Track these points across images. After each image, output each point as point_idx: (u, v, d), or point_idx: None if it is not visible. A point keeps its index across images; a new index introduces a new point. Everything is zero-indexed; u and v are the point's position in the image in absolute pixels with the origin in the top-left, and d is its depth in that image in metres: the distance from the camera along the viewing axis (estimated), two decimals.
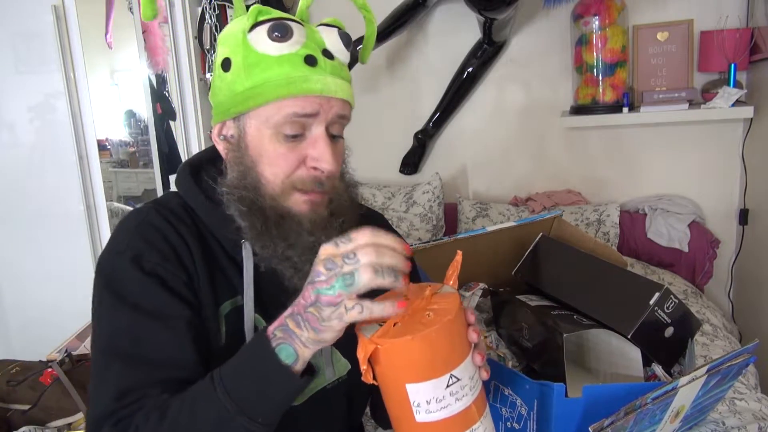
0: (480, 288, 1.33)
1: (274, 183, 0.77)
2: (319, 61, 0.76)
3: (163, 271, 0.74)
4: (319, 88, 0.75)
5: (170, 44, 2.12)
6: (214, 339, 0.78)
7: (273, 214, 0.77)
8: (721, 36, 2.08)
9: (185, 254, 0.77)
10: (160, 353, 0.72)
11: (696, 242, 2.22)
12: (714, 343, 1.71)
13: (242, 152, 0.78)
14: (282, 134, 0.75)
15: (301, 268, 0.78)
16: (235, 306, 0.80)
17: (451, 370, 0.62)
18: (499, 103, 2.56)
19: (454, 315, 0.63)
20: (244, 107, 0.76)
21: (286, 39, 0.74)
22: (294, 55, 0.75)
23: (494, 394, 0.97)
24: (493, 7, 2.00)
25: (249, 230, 0.77)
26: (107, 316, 0.75)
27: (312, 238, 0.77)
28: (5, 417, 1.32)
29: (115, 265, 0.76)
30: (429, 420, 0.63)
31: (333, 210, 0.80)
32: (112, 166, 2.25)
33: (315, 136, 0.76)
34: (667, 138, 2.34)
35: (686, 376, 0.81)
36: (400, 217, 2.51)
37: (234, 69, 0.76)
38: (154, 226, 0.77)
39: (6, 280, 2.32)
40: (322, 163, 0.76)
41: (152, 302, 0.73)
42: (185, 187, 0.83)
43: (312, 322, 0.63)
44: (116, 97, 2.27)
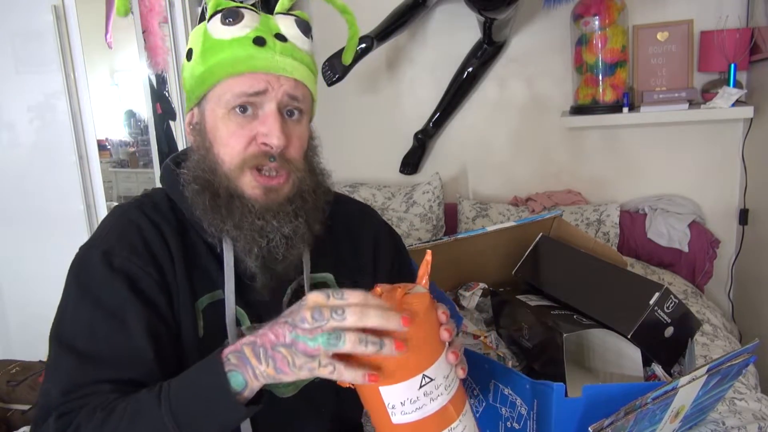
0: (480, 288, 1.33)
1: (228, 162, 0.79)
2: (268, 42, 0.79)
3: (131, 268, 0.76)
4: (264, 65, 0.77)
5: (170, 44, 2.12)
6: (190, 333, 0.78)
7: (225, 193, 0.79)
8: (721, 36, 2.08)
9: (160, 249, 0.78)
10: (113, 351, 0.73)
11: (696, 242, 2.21)
12: (714, 343, 1.71)
13: (203, 136, 0.81)
14: (233, 114, 0.78)
15: (250, 250, 0.79)
16: (213, 300, 0.81)
17: (423, 371, 0.62)
18: (499, 103, 2.56)
19: (423, 316, 0.63)
20: (201, 90, 0.80)
21: (237, 23, 0.78)
22: (243, 37, 0.78)
23: (494, 394, 0.97)
24: (493, 7, 2.00)
25: (199, 207, 0.80)
26: (69, 307, 0.77)
27: (260, 221, 0.79)
28: (5, 417, 1.32)
29: (85, 257, 0.78)
30: (405, 421, 0.63)
31: (291, 197, 0.81)
32: (112, 166, 2.25)
33: (266, 114, 0.78)
34: (667, 138, 2.34)
35: (686, 376, 0.81)
36: (400, 217, 2.51)
37: (194, 57, 0.81)
38: (132, 221, 0.80)
39: (6, 279, 2.32)
40: (271, 138, 0.77)
41: (114, 300, 0.74)
42: (167, 181, 0.86)
43: (278, 362, 0.62)
44: (116, 97, 2.27)
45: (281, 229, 0.80)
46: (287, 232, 0.80)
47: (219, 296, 0.81)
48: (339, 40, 2.24)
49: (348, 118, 2.74)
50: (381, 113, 2.72)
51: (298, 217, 0.81)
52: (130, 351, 0.73)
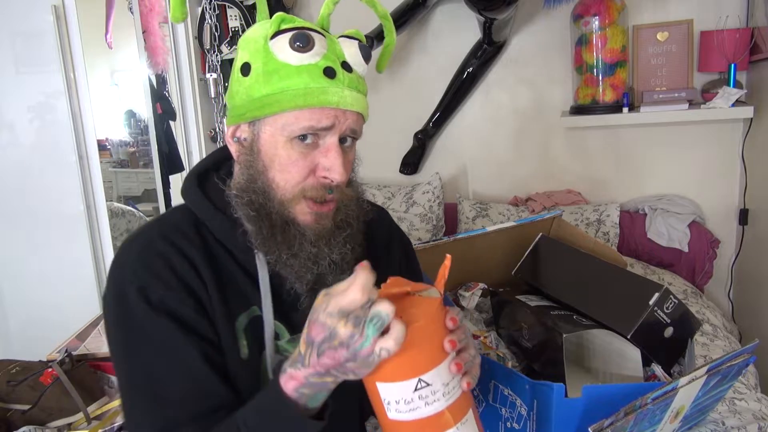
0: (480, 288, 1.33)
1: (284, 189, 0.77)
2: (338, 74, 0.76)
3: (170, 302, 0.75)
4: (336, 100, 0.75)
5: (170, 44, 2.12)
6: (234, 355, 0.78)
7: (279, 220, 0.78)
8: (721, 36, 2.08)
9: (192, 279, 0.76)
10: (180, 389, 0.73)
11: (696, 242, 2.22)
12: (714, 343, 1.71)
13: (254, 156, 0.79)
14: (296, 142, 0.76)
15: (302, 276, 0.79)
16: (250, 317, 0.80)
17: (419, 375, 0.62)
18: (499, 103, 2.56)
19: (423, 322, 0.62)
20: (260, 113, 0.77)
21: (308, 49, 0.75)
22: (314, 66, 0.75)
23: (494, 394, 0.97)
24: (493, 7, 2.00)
25: (255, 235, 0.78)
26: (122, 353, 0.76)
27: (315, 249, 0.78)
28: (5, 417, 1.32)
29: (122, 296, 0.75)
30: (399, 419, 0.64)
31: (338, 223, 0.81)
32: (112, 166, 2.25)
33: (327, 146, 0.77)
34: (667, 138, 2.34)
35: (686, 377, 0.81)
36: (400, 217, 2.51)
37: (253, 74, 0.77)
38: (158, 253, 0.77)
39: (6, 280, 2.32)
40: (333, 174, 0.76)
41: (163, 337, 0.74)
42: (193, 198, 0.83)
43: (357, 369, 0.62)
44: (116, 97, 2.27)
45: (331, 255, 0.79)
46: (336, 258, 0.80)
47: (255, 312, 0.80)
48: None
49: None
50: (381, 113, 2.72)
51: (347, 243, 0.81)
52: (195, 383, 0.74)
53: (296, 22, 0.77)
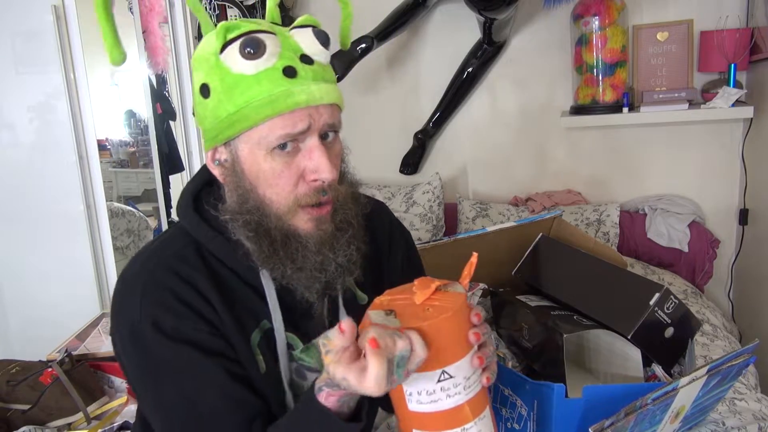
0: (480, 288, 1.33)
1: (278, 203, 0.75)
2: (299, 70, 0.72)
3: (184, 329, 0.74)
4: (304, 99, 0.72)
5: (170, 44, 2.12)
6: (253, 370, 0.78)
7: (279, 234, 0.75)
8: (721, 36, 2.08)
9: (200, 304, 0.75)
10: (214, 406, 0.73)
11: (696, 242, 2.22)
12: (714, 343, 1.71)
13: (239, 176, 0.76)
14: (276, 153, 0.73)
15: (311, 286, 0.78)
16: (263, 332, 0.79)
17: (443, 367, 0.63)
18: (499, 103, 2.56)
19: (452, 313, 0.63)
20: (231, 132, 0.74)
21: (260, 54, 0.70)
22: (272, 69, 0.71)
23: (494, 395, 0.97)
24: (493, 7, 2.00)
25: (257, 254, 0.76)
26: (152, 388, 0.75)
27: (319, 257, 0.76)
28: (5, 417, 1.32)
29: (138, 337, 0.74)
30: (420, 410, 0.65)
31: (338, 224, 0.78)
32: (112, 166, 2.25)
33: (309, 148, 0.74)
34: (667, 138, 2.34)
35: (686, 377, 0.81)
36: (400, 217, 2.51)
37: (213, 94, 0.73)
38: (162, 286, 0.75)
39: (6, 279, 2.31)
40: (322, 174, 0.73)
41: (185, 363, 0.73)
42: (189, 220, 0.81)
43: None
44: (116, 97, 2.27)
45: (337, 258, 0.78)
46: (342, 261, 0.78)
47: (266, 326, 0.80)
48: None
49: (348, 118, 2.71)
50: (381, 113, 2.72)
51: (350, 245, 0.79)
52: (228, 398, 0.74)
53: (242, 28, 0.72)
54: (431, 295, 0.67)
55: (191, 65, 0.78)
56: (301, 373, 0.82)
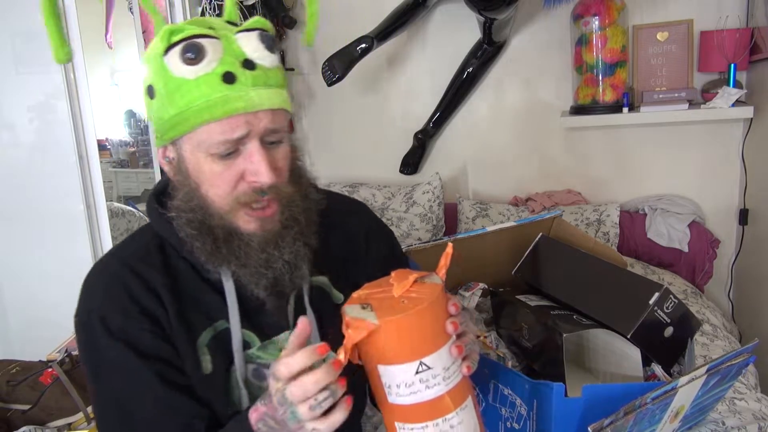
0: (480, 288, 1.33)
1: (219, 203, 0.77)
2: (239, 76, 0.73)
3: (128, 329, 0.77)
4: (241, 105, 0.72)
5: None
6: (195, 371, 0.79)
7: (222, 232, 0.77)
8: (721, 36, 2.08)
9: (151, 303, 0.78)
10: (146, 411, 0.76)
11: (696, 242, 2.21)
12: (714, 343, 1.71)
13: (184, 175, 0.78)
14: (216, 155, 0.74)
15: (257, 282, 0.79)
16: (216, 332, 0.81)
17: (421, 358, 0.63)
18: (499, 103, 2.56)
19: (427, 304, 0.63)
20: (174, 133, 0.76)
21: (200, 60, 0.71)
22: (210, 75, 0.72)
23: (494, 394, 0.97)
24: (493, 7, 2.00)
25: (200, 251, 0.78)
26: (92, 380, 0.79)
27: (264, 254, 0.78)
28: (5, 417, 1.32)
29: (87, 330, 0.78)
30: (400, 403, 0.65)
31: (285, 222, 0.80)
32: (112, 166, 2.25)
33: (249, 152, 0.75)
34: (667, 138, 2.34)
35: (686, 376, 0.81)
36: (400, 217, 2.51)
37: (157, 96, 0.75)
38: (118, 281, 0.79)
39: (6, 279, 2.31)
40: (261, 177, 0.74)
41: (122, 363, 0.76)
42: (153, 217, 0.84)
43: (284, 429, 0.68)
44: (116, 97, 2.27)
45: (283, 256, 0.79)
46: (289, 258, 0.80)
47: (222, 326, 0.81)
48: (339, 40, 2.24)
49: (348, 118, 2.74)
50: (381, 113, 2.72)
51: (296, 241, 0.80)
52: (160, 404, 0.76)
53: (186, 32, 0.72)
54: (409, 287, 0.67)
55: (143, 61, 0.80)
56: (259, 374, 0.83)
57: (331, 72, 2.10)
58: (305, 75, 2.76)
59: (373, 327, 0.62)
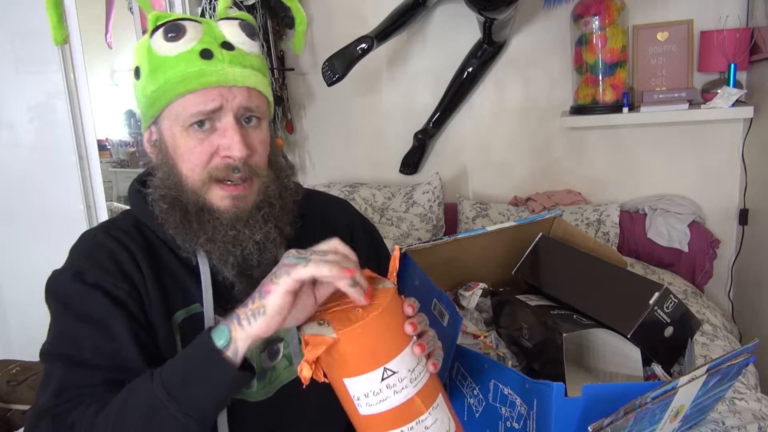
0: (480, 288, 1.33)
1: (191, 177, 0.79)
2: (216, 54, 0.78)
3: (104, 283, 0.77)
4: (215, 79, 0.77)
5: None
6: (168, 348, 0.79)
7: (194, 208, 0.80)
8: (721, 36, 2.08)
9: (130, 268, 0.79)
10: (101, 356, 0.74)
11: (696, 242, 2.21)
12: (714, 342, 1.71)
13: (164, 153, 0.81)
14: (192, 130, 0.78)
15: (225, 260, 0.80)
16: (190, 314, 0.81)
17: (384, 364, 0.63)
18: (499, 103, 2.56)
19: (381, 310, 0.63)
20: (154, 109, 0.79)
21: (179, 37, 0.77)
22: (190, 51, 0.77)
23: (494, 394, 0.97)
24: (493, 7, 2.00)
25: (170, 224, 0.80)
26: (54, 323, 0.78)
27: (233, 231, 0.80)
28: (5, 417, 1.32)
29: (58, 281, 0.79)
30: (371, 413, 0.64)
31: (258, 203, 0.82)
32: (112, 166, 2.26)
33: (224, 126, 0.78)
34: (667, 138, 2.34)
35: (686, 376, 0.81)
36: (400, 217, 2.51)
37: (142, 75, 0.80)
38: (101, 246, 0.80)
39: (6, 279, 2.32)
40: (233, 151, 0.77)
41: (96, 311, 0.76)
42: (133, 202, 0.87)
43: (264, 286, 0.64)
44: (116, 97, 2.27)
45: (253, 236, 0.81)
46: (259, 239, 0.81)
47: (196, 310, 0.81)
48: (339, 40, 2.24)
49: (348, 118, 2.74)
50: (381, 113, 2.72)
51: (268, 222, 0.82)
52: (116, 354, 0.74)
53: (171, 17, 0.79)
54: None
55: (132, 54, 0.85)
56: None
57: (331, 72, 2.10)
58: (305, 75, 2.76)
59: (332, 341, 0.61)
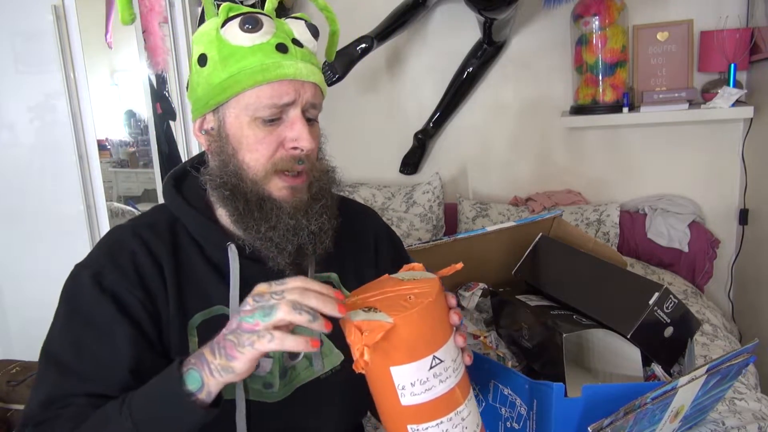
0: (480, 288, 1.33)
1: (255, 168, 0.80)
2: (290, 49, 0.80)
3: (119, 289, 0.77)
4: (292, 72, 0.78)
5: (170, 44, 2.12)
6: (180, 352, 0.78)
7: (254, 197, 0.80)
8: (721, 36, 2.08)
9: (151, 273, 0.78)
10: (94, 367, 0.74)
11: (696, 242, 2.21)
12: (714, 343, 1.71)
13: (223, 141, 0.81)
14: (260, 119, 0.78)
15: (283, 248, 0.80)
16: (210, 316, 0.81)
17: (434, 352, 0.64)
18: (499, 103, 2.56)
19: (435, 297, 0.64)
20: (222, 97, 0.79)
21: (257, 29, 0.78)
22: (266, 44, 0.78)
23: (494, 394, 0.97)
24: (493, 7, 2.00)
25: (231, 213, 0.80)
26: (59, 325, 0.78)
27: (293, 221, 0.80)
28: (5, 417, 1.32)
29: (77, 278, 0.79)
30: (414, 402, 0.64)
31: (313, 194, 0.83)
32: (112, 166, 2.25)
33: (292, 119, 0.79)
34: (667, 138, 2.34)
35: (686, 376, 0.81)
36: (400, 217, 2.51)
37: (210, 63, 0.80)
38: (124, 245, 0.80)
39: (6, 280, 2.32)
40: (301, 142, 0.79)
41: (102, 318, 0.75)
42: (169, 198, 0.86)
43: (228, 349, 0.64)
44: (116, 97, 2.27)
45: (309, 225, 0.82)
46: (314, 229, 0.82)
47: (215, 312, 0.81)
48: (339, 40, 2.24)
49: (348, 118, 2.74)
50: (381, 113, 2.72)
51: (323, 214, 0.83)
52: (109, 368, 0.74)
53: (243, 10, 0.80)
54: (404, 285, 0.68)
55: (192, 42, 0.85)
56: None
57: (331, 72, 2.10)
58: None
59: (389, 326, 0.61)
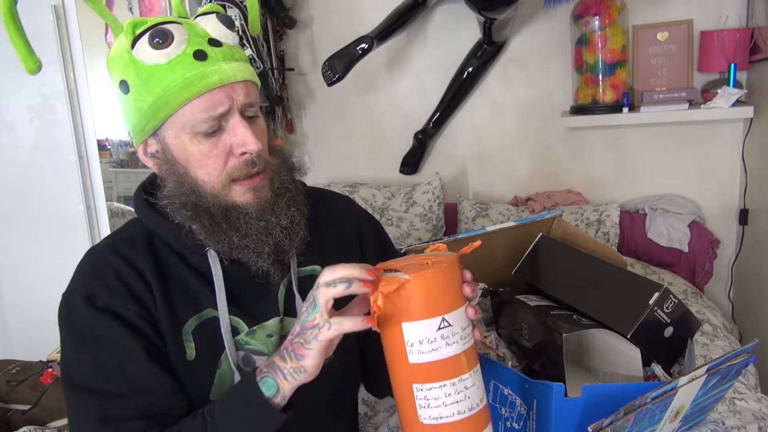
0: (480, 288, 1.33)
1: (211, 182, 0.79)
2: (209, 53, 0.76)
3: (115, 306, 0.76)
4: (217, 79, 0.75)
5: None
6: (179, 358, 0.79)
7: (218, 210, 0.79)
8: (721, 36, 2.08)
9: (139, 286, 0.78)
10: (127, 384, 0.74)
11: (696, 242, 2.21)
12: (714, 343, 1.71)
13: (171, 163, 0.79)
14: (200, 134, 0.76)
15: (261, 251, 0.80)
16: (202, 320, 0.81)
17: (443, 314, 0.67)
18: (499, 103, 2.56)
19: (450, 264, 0.69)
20: (156, 121, 0.77)
21: (168, 43, 0.74)
22: (182, 55, 0.75)
23: (494, 394, 0.97)
24: (493, 7, 2.00)
25: (200, 230, 0.79)
26: (71, 353, 0.78)
27: (262, 222, 0.80)
28: (5, 417, 1.32)
29: (69, 304, 0.78)
30: (420, 361, 0.68)
31: (276, 190, 0.83)
32: (112, 166, 2.25)
33: (232, 125, 0.77)
34: (667, 138, 2.34)
35: (686, 376, 0.81)
36: (400, 217, 2.51)
37: (132, 88, 0.77)
38: (107, 264, 0.79)
39: (6, 280, 2.32)
40: (249, 146, 0.77)
41: (110, 335, 0.75)
42: (140, 210, 0.85)
43: (297, 350, 0.68)
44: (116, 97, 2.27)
45: (279, 222, 0.81)
46: (286, 224, 0.82)
47: (208, 315, 0.82)
48: (339, 40, 2.24)
49: (348, 118, 2.74)
50: (381, 113, 2.72)
51: (291, 207, 0.83)
52: (141, 380, 0.75)
53: (148, 22, 0.76)
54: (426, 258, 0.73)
55: (107, 67, 0.82)
56: (248, 360, 0.83)
57: (331, 72, 2.10)
58: (305, 75, 2.76)
59: (404, 281, 0.66)
